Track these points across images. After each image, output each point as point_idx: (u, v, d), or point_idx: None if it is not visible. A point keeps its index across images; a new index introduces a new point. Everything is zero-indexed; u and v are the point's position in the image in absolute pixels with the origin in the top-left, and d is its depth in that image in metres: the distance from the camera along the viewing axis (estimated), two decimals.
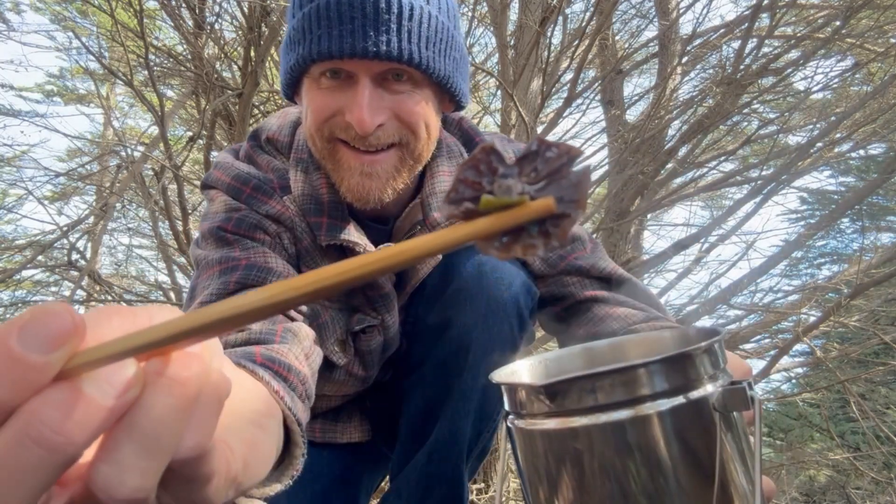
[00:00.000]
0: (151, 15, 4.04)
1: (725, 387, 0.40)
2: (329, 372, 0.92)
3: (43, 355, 0.23)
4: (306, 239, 0.85)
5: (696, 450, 0.38)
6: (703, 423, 0.38)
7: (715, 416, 0.38)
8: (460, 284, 0.87)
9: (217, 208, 0.83)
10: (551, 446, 0.40)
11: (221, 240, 0.79)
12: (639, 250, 4.79)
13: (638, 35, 5.15)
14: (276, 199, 0.83)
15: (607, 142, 4.76)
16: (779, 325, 4.19)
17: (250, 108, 3.07)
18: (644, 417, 0.36)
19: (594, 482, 0.37)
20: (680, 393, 0.38)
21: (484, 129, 1.13)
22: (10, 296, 4.95)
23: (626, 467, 0.36)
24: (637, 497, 0.36)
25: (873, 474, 3.97)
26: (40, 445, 0.23)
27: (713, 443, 0.37)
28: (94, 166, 5.17)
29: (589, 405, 0.37)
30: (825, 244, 9.11)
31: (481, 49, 5.03)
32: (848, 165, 7.23)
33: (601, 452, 0.37)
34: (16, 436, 0.23)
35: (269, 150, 0.91)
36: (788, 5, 4.21)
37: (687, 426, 0.38)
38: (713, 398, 0.39)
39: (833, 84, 3.88)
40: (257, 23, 2.94)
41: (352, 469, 1.09)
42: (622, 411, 0.37)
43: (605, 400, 0.37)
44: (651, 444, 0.36)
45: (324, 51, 0.72)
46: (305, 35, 0.73)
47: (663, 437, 0.37)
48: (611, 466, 0.37)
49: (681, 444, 0.37)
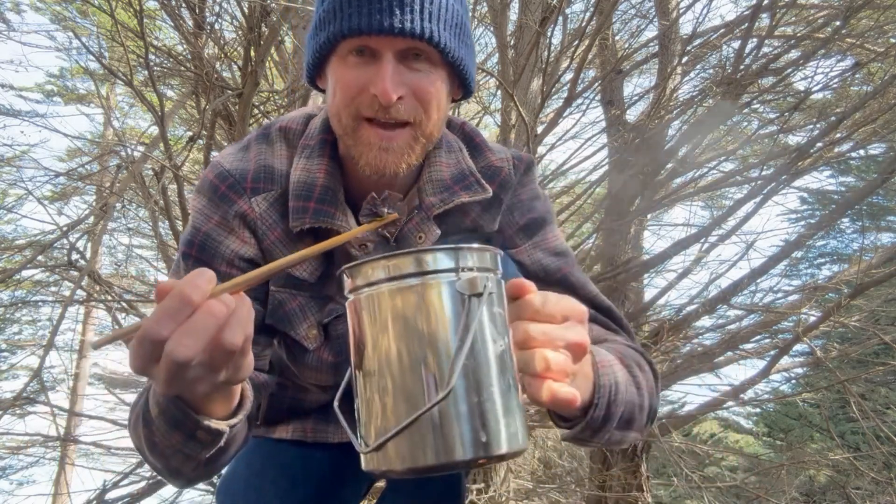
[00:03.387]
0: (151, 15, 4.05)
1: (468, 276, 0.60)
2: (303, 356, 0.98)
3: (195, 296, 0.56)
4: (273, 233, 0.93)
5: (446, 313, 0.60)
6: (453, 296, 0.60)
7: (461, 296, 0.60)
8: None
9: (195, 205, 0.95)
10: (369, 306, 0.62)
11: (185, 256, 0.93)
12: (639, 250, 4.79)
13: (638, 35, 5.16)
14: (245, 199, 0.93)
15: (607, 142, 4.76)
16: (779, 325, 4.19)
17: (250, 108, 3.08)
18: (415, 286, 0.60)
19: (376, 336, 0.60)
20: (440, 273, 0.60)
21: (484, 129, 1.17)
22: (9, 296, 4.95)
23: (412, 315, 0.59)
24: (401, 341, 0.59)
25: (873, 474, 3.97)
26: (202, 313, 0.56)
27: (454, 310, 0.60)
28: (94, 166, 5.17)
29: (391, 276, 0.61)
30: (825, 244, 9.11)
31: (481, 49, 5.03)
32: (848, 165, 7.23)
33: (399, 306, 0.60)
34: (200, 314, 0.56)
35: (279, 139, 0.99)
36: (788, 5, 4.21)
37: (441, 296, 0.60)
38: (460, 283, 0.60)
39: (833, 84, 3.88)
40: (257, 23, 2.94)
41: (344, 469, 1.09)
42: (411, 280, 0.60)
43: (399, 273, 0.60)
44: (421, 303, 0.59)
45: (354, 27, 0.81)
46: (336, 14, 0.82)
47: (433, 300, 0.59)
48: (404, 314, 0.60)
49: (435, 305, 0.59)
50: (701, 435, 8.93)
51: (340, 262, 0.92)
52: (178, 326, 0.55)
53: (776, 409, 8.02)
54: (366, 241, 0.93)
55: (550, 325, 0.63)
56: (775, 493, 4.10)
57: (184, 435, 0.68)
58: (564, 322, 0.64)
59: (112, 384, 8.40)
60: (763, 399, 4.96)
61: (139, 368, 0.58)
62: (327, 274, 0.95)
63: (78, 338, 7.58)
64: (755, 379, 4.02)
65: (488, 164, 1.01)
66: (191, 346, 0.55)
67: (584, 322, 0.66)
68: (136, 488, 3.71)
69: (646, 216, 4.86)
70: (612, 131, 4.79)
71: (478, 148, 1.03)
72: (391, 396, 0.58)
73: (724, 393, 4.20)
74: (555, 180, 5.26)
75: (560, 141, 4.93)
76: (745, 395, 4.28)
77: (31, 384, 3.42)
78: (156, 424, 0.70)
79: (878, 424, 3.59)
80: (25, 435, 4.30)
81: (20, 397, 3.40)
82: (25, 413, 4.07)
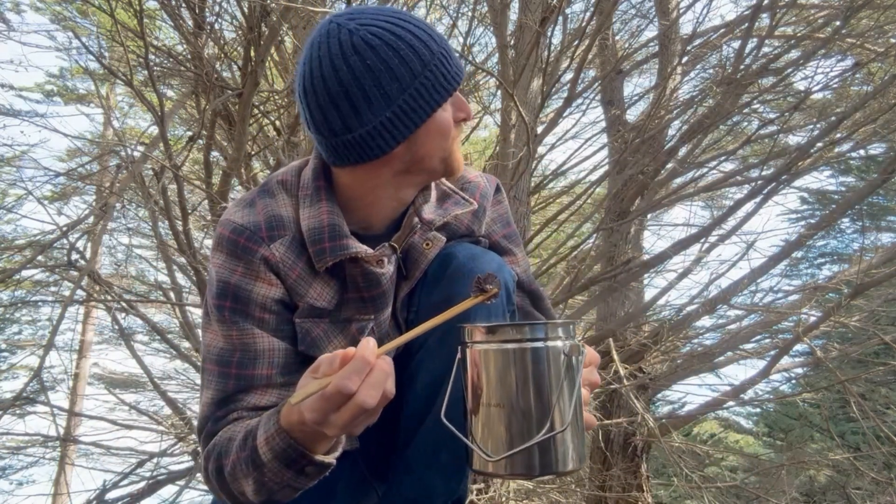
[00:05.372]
0: (151, 15, 4.05)
1: (568, 343, 0.84)
2: None
3: (372, 358, 0.76)
4: (294, 272, 1.03)
5: (552, 370, 0.82)
6: (555, 359, 0.83)
7: (561, 358, 0.83)
8: (457, 265, 1.07)
9: (216, 261, 1.03)
10: (485, 360, 0.84)
11: (220, 308, 1.01)
12: (639, 250, 4.79)
13: (638, 35, 5.16)
14: (265, 247, 1.02)
15: (607, 142, 4.76)
16: (779, 325, 4.19)
17: (250, 108, 3.08)
18: (527, 349, 0.82)
19: (504, 379, 0.82)
20: (550, 341, 0.83)
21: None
22: (9, 296, 4.95)
23: (522, 371, 0.82)
24: (518, 390, 0.81)
25: (873, 474, 3.97)
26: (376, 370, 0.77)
27: (559, 369, 0.83)
28: (94, 166, 5.17)
29: (512, 338, 0.83)
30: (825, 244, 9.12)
31: (481, 49, 5.03)
32: (848, 165, 7.23)
33: (505, 365, 0.83)
34: (377, 371, 0.76)
35: (280, 191, 1.08)
36: (788, 5, 4.21)
37: (545, 359, 0.82)
38: (563, 347, 0.83)
39: (833, 84, 3.88)
40: (257, 23, 2.94)
41: (336, 482, 1.09)
42: (521, 344, 0.83)
43: (512, 337, 0.83)
44: (528, 363, 0.82)
45: (451, 81, 0.98)
46: (434, 82, 0.96)
47: (534, 361, 0.82)
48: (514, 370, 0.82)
49: (541, 366, 0.82)
50: (701, 435, 8.93)
51: (357, 282, 1.03)
52: (362, 381, 0.74)
53: (776, 409, 8.02)
54: (382, 255, 1.03)
55: (584, 368, 0.89)
56: (775, 493, 4.10)
57: (295, 471, 0.84)
58: (588, 367, 0.93)
59: (112, 384, 8.40)
60: (763, 399, 4.96)
61: (319, 419, 0.76)
62: (344, 300, 1.06)
63: (78, 338, 7.58)
64: (755, 379, 4.02)
65: (466, 180, 1.18)
66: (375, 395, 0.75)
67: (597, 364, 0.96)
68: (136, 488, 3.71)
69: (646, 216, 4.86)
70: (612, 131, 4.80)
71: None
72: (506, 425, 0.81)
73: (724, 393, 4.20)
74: (555, 180, 5.26)
75: (560, 141, 4.94)
76: (745, 395, 4.28)
77: (31, 384, 3.42)
78: (268, 466, 0.84)
79: (878, 424, 3.59)
80: (25, 435, 4.31)
81: (20, 397, 3.40)
82: (25, 413, 4.07)
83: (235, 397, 0.98)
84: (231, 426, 0.94)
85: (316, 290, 1.03)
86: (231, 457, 0.88)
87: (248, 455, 0.85)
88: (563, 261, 4.12)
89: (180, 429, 3.90)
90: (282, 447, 0.82)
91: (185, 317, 3.70)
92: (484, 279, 0.93)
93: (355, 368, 0.74)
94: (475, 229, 1.17)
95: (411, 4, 3.87)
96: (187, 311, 3.78)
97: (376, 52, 0.92)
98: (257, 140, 3.81)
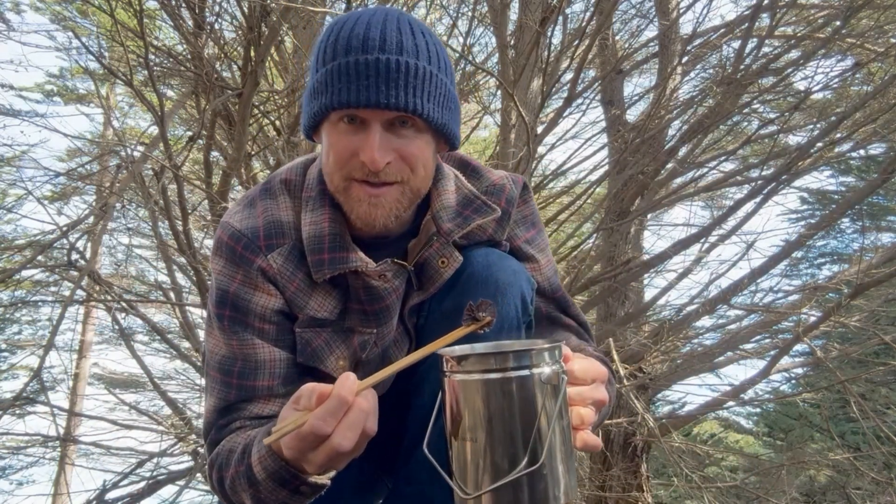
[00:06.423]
0: (151, 15, 4.04)
1: (553, 369, 0.76)
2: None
3: (350, 397, 0.72)
4: (293, 284, 1.00)
5: (531, 399, 0.74)
6: (537, 385, 0.75)
7: (544, 386, 0.75)
8: (472, 272, 1.02)
9: (216, 266, 1.01)
10: (467, 388, 0.76)
11: (220, 316, 1.00)
12: (639, 250, 4.79)
13: (638, 35, 5.15)
14: (261, 257, 0.99)
15: (607, 142, 4.76)
16: (779, 325, 4.19)
17: (250, 107, 3.07)
18: (510, 378, 0.74)
19: (482, 411, 0.74)
20: (527, 368, 0.75)
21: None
22: (9, 296, 4.95)
23: (498, 402, 0.74)
24: (497, 419, 0.74)
25: (873, 474, 3.97)
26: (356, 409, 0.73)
27: (539, 397, 0.75)
28: (94, 166, 5.17)
29: (486, 368, 0.75)
30: (825, 244, 9.12)
31: (481, 49, 5.03)
32: (848, 165, 7.24)
33: (487, 394, 0.74)
34: (355, 411, 0.72)
35: (282, 192, 1.05)
36: (788, 5, 4.21)
37: (528, 386, 0.74)
38: (547, 374, 0.75)
39: (833, 84, 3.88)
40: (257, 23, 2.93)
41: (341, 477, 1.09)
42: (501, 374, 0.74)
43: (493, 366, 0.75)
44: (508, 393, 0.74)
45: (343, 101, 0.88)
46: (328, 87, 0.89)
47: (515, 390, 0.74)
48: (490, 401, 0.74)
49: (524, 394, 0.74)
50: (701, 435, 8.93)
51: (359, 294, 1.00)
52: (337, 423, 0.71)
53: (776, 409, 8.02)
54: (384, 270, 0.99)
55: (584, 386, 0.81)
56: (775, 493, 4.10)
57: (290, 491, 0.82)
58: (592, 384, 0.82)
59: (112, 384, 8.40)
60: (763, 399, 4.96)
61: (296, 457, 0.75)
62: (346, 310, 1.02)
63: (78, 338, 7.58)
64: (755, 379, 4.02)
65: (491, 183, 1.11)
66: (351, 437, 0.72)
67: (604, 381, 0.84)
68: (136, 488, 3.71)
69: (646, 216, 4.86)
70: (612, 131, 4.80)
71: (476, 171, 1.13)
72: (485, 459, 0.74)
73: (724, 393, 4.20)
74: (555, 180, 5.26)
75: (560, 141, 4.93)
76: (745, 395, 4.28)
77: (30, 384, 3.42)
78: (263, 485, 0.82)
79: (878, 424, 3.59)
80: (25, 435, 4.31)
81: (20, 397, 3.40)
82: (25, 413, 4.07)
83: (238, 406, 0.97)
84: (233, 436, 0.94)
85: (316, 302, 1.00)
86: (231, 470, 0.88)
87: (244, 471, 0.85)
88: (563, 261, 4.12)
89: (180, 429, 3.90)
90: (274, 468, 0.80)
91: (185, 317, 3.70)
92: (477, 307, 0.89)
93: (330, 409, 0.71)
94: (497, 237, 1.09)
95: (411, 4, 3.87)
96: (187, 311, 3.78)
97: (332, 26, 0.94)
98: (257, 140, 3.81)
